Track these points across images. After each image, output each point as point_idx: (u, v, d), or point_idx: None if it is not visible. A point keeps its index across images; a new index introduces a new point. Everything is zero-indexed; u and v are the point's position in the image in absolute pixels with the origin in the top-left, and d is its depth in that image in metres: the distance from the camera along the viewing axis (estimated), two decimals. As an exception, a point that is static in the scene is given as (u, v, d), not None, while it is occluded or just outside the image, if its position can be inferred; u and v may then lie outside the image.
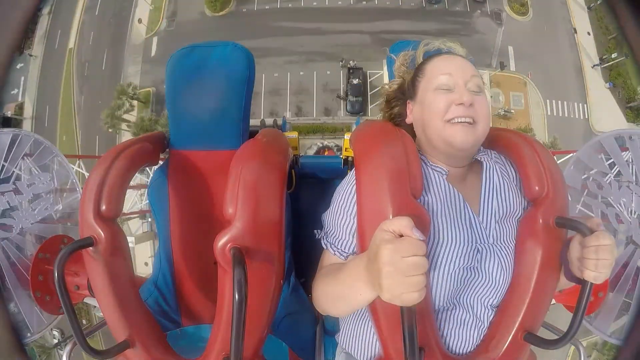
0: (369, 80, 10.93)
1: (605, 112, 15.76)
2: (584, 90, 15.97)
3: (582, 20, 16.71)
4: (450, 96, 0.87)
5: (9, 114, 15.24)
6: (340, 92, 10.67)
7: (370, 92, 10.74)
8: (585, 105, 15.80)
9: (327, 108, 10.92)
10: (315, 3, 11.36)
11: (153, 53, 16.14)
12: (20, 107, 15.90)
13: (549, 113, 15.60)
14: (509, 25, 15.41)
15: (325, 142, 10.60)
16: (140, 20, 16.89)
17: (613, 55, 16.10)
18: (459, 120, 0.85)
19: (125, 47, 16.46)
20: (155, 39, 16.36)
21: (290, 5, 11.58)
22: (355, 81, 10.44)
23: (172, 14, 16.34)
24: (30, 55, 16.10)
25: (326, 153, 10.78)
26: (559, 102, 15.69)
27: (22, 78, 16.11)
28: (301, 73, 10.85)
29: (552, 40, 15.85)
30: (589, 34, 16.71)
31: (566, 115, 15.46)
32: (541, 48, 15.59)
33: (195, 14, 15.47)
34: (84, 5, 16.71)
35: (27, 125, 15.60)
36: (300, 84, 11.10)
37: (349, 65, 10.66)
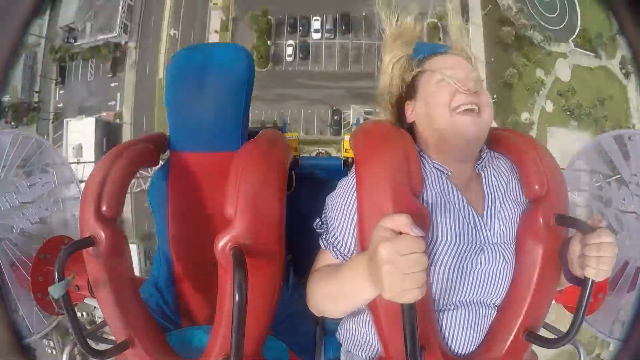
0: (342, 116, 20.63)
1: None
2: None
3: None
4: (454, 86, 0.86)
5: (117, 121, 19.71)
6: (328, 122, 20.70)
7: (343, 122, 20.39)
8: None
9: (321, 130, 20.83)
10: (316, 68, 20.92)
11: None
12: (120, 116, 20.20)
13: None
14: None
15: (320, 149, 18.78)
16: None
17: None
18: (465, 108, 0.84)
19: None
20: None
21: (303, 68, 21.07)
22: (335, 117, 20.59)
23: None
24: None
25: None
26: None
27: (118, 94, 20.61)
28: (308, 111, 20.82)
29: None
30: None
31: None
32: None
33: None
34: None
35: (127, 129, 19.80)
36: (307, 117, 20.84)
37: (333, 108, 20.73)
